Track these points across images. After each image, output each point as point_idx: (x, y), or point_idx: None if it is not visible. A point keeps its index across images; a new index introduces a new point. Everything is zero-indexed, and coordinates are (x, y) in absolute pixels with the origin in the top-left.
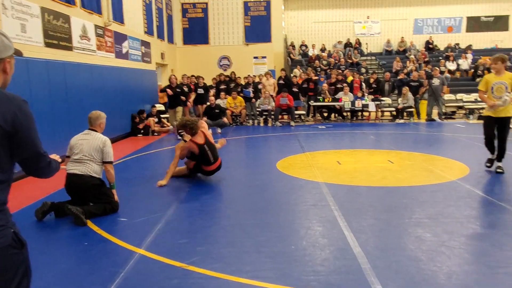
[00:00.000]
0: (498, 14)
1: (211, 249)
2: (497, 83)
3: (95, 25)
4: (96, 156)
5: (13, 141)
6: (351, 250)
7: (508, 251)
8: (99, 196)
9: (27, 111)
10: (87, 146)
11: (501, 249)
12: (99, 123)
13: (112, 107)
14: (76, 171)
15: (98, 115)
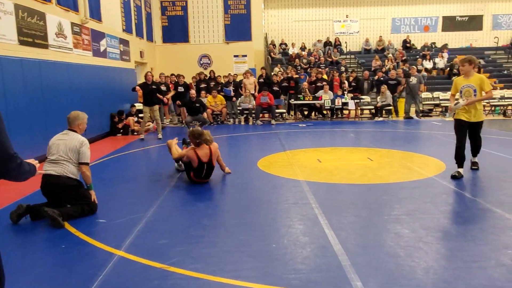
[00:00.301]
0: (473, 14)
1: (191, 249)
2: (465, 86)
3: (71, 23)
4: (72, 157)
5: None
6: (331, 247)
7: (482, 245)
8: (76, 197)
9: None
10: (64, 146)
11: (476, 243)
12: (77, 123)
13: (90, 107)
14: (52, 172)
15: (77, 115)
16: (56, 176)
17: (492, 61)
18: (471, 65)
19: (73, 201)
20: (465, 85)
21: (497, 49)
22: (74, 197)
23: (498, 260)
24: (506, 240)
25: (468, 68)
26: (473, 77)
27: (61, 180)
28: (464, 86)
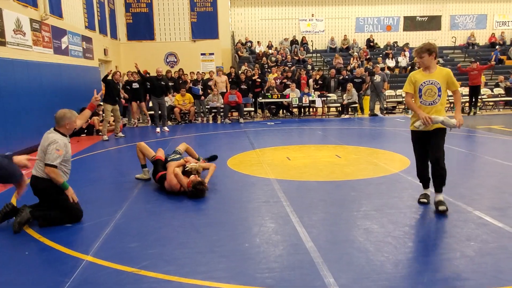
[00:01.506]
0: (432, 14)
1: (163, 251)
2: (426, 83)
3: (30, 19)
4: (42, 158)
5: None
6: (303, 245)
7: (447, 238)
8: (51, 201)
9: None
10: (40, 145)
11: (441, 236)
12: (63, 123)
13: (51, 106)
14: (34, 172)
15: (63, 115)
16: (34, 176)
17: (450, 59)
18: (431, 55)
19: (51, 205)
20: (426, 81)
21: (454, 48)
22: (49, 200)
23: (463, 252)
24: (469, 232)
25: (428, 59)
26: (436, 71)
27: (37, 181)
28: (424, 83)
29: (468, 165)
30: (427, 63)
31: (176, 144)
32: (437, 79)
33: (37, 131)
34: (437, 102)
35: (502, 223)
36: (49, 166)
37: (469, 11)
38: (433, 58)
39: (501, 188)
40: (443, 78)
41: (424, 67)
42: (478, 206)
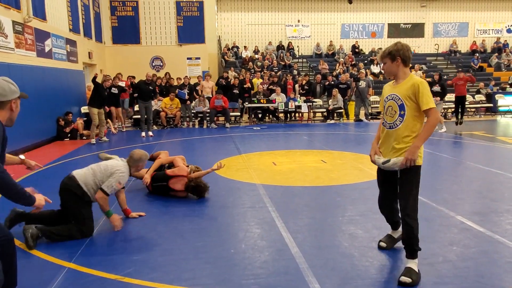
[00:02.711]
0: (415, 21)
1: (147, 258)
2: (388, 98)
3: (13, 21)
4: (100, 174)
5: None
6: (289, 250)
7: (429, 243)
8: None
9: None
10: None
11: (424, 241)
12: (136, 164)
13: (34, 110)
14: (77, 174)
15: (139, 157)
16: (73, 177)
17: (433, 66)
18: (396, 61)
19: (65, 210)
20: (388, 95)
21: (437, 55)
22: (67, 207)
23: (445, 257)
24: (452, 237)
25: (390, 66)
26: (403, 82)
27: (69, 181)
28: (387, 98)
29: (451, 170)
30: (390, 70)
31: (162, 148)
32: (399, 92)
33: (19, 135)
34: (398, 125)
35: (483, 227)
36: (103, 193)
37: (451, 19)
38: (400, 64)
39: (482, 193)
40: (407, 92)
41: (388, 76)
42: (460, 211)
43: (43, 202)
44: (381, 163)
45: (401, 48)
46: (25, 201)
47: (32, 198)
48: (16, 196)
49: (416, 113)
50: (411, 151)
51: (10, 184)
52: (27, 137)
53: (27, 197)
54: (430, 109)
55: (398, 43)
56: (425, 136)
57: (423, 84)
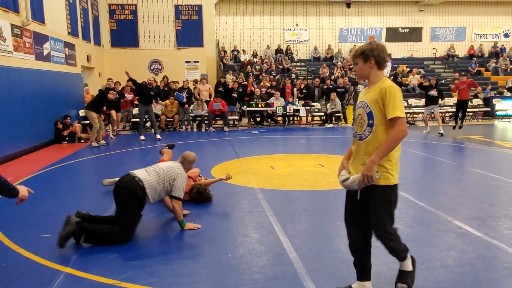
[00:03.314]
0: (413, 26)
1: (144, 263)
2: (358, 105)
3: (11, 24)
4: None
5: None
6: (287, 255)
7: (427, 248)
8: (124, 206)
9: None
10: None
11: (422, 246)
12: (190, 166)
13: (32, 113)
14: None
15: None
16: (133, 175)
17: (431, 70)
18: (369, 62)
19: (117, 208)
20: (359, 102)
21: (435, 59)
22: (121, 206)
23: (443, 262)
24: (449, 241)
25: (362, 68)
26: (375, 87)
27: (132, 181)
28: (358, 105)
29: (448, 174)
30: (362, 72)
31: None
32: (368, 98)
33: (17, 138)
34: (367, 136)
35: (481, 232)
36: (176, 199)
37: (449, 24)
38: (373, 66)
39: (480, 198)
40: (375, 97)
41: (359, 79)
42: (458, 216)
43: (27, 193)
44: (341, 181)
45: (376, 48)
46: (9, 193)
47: (16, 190)
48: None
49: (386, 122)
50: (367, 167)
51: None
52: (25, 140)
53: (11, 189)
54: (397, 118)
55: (372, 42)
56: (384, 150)
57: (391, 89)
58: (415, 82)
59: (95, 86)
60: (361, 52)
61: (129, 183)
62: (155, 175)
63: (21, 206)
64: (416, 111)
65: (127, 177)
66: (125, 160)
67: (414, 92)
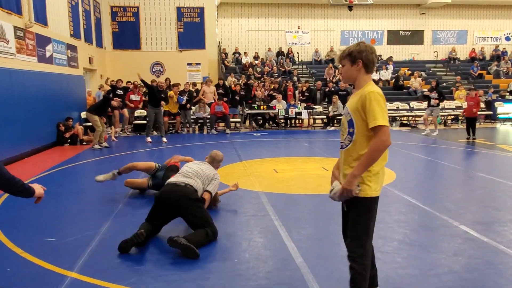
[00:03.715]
0: (415, 29)
1: (150, 268)
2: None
3: (14, 27)
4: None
5: None
6: (293, 260)
7: (434, 253)
8: (196, 213)
9: None
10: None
11: (428, 251)
12: (218, 165)
13: (35, 115)
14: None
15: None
16: (182, 184)
17: (432, 73)
18: (356, 64)
19: (192, 217)
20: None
21: (436, 62)
22: (195, 213)
23: (451, 267)
24: (456, 247)
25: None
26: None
27: (186, 188)
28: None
29: (452, 178)
30: (348, 75)
31: (163, 154)
32: (349, 105)
33: (19, 140)
34: (348, 145)
35: (487, 237)
36: (209, 193)
37: (450, 27)
38: (360, 68)
39: (485, 202)
40: (356, 104)
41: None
42: (463, 221)
43: (42, 190)
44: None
45: (365, 49)
46: (25, 193)
47: (31, 189)
48: (14, 189)
49: (368, 132)
50: (347, 180)
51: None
52: (27, 143)
53: (26, 189)
54: (378, 127)
55: (361, 43)
56: (365, 162)
57: (372, 95)
58: (417, 85)
59: (96, 88)
60: (349, 53)
61: (185, 191)
62: (197, 178)
63: (23, 209)
64: (418, 114)
65: (179, 187)
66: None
67: (415, 95)
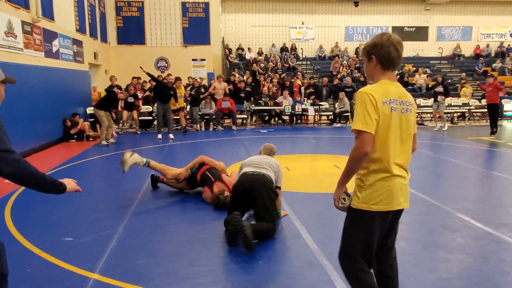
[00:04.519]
0: (419, 25)
1: (173, 269)
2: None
3: (22, 21)
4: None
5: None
6: (318, 262)
7: (461, 255)
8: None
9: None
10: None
11: (454, 253)
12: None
13: (41, 110)
14: (254, 170)
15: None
16: (260, 174)
17: (437, 70)
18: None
19: (263, 208)
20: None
21: (441, 59)
22: (267, 205)
23: (481, 271)
24: (483, 249)
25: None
26: None
27: (264, 178)
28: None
29: (466, 177)
30: (367, 73)
31: (171, 151)
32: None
33: (26, 136)
34: None
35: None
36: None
37: (455, 23)
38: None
39: (505, 202)
40: None
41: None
42: (485, 222)
43: (74, 184)
44: None
45: (379, 43)
46: (57, 190)
47: (63, 185)
48: (46, 186)
49: None
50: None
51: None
52: (34, 139)
53: (58, 185)
54: (357, 132)
55: (378, 36)
56: (344, 172)
57: (360, 95)
58: (422, 81)
59: (101, 84)
60: (363, 49)
61: (263, 180)
62: (270, 169)
63: (36, 207)
64: (424, 111)
65: (257, 176)
66: None
67: (420, 92)
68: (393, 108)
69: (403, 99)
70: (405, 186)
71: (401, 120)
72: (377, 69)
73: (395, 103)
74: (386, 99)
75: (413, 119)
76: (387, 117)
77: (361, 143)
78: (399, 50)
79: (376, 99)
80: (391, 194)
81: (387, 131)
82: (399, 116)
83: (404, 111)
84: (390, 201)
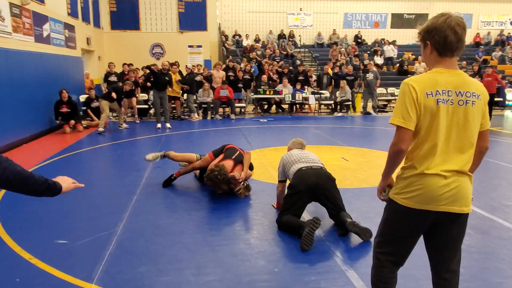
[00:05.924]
0: (419, 12)
1: (179, 278)
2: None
3: (10, 3)
4: None
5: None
6: (339, 267)
7: (497, 262)
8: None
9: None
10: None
11: (489, 259)
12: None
13: (32, 98)
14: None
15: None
16: (318, 167)
17: None
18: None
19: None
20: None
21: None
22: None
23: None
24: None
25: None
26: None
27: (324, 170)
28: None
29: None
30: (424, 61)
31: (170, 140)
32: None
33: (19, 124)
34: None
35: None
36: None
37: (455, 10)
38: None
39: None
40: None
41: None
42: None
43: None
44: None
45: (434, 27)
46: (50, 191)
47: (57, 185)
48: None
49: None
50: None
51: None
52: (24, 128)
53: (51, 185)
54: (395, 126)
55: (435, 17)
56: (385, 166)
57: (402, 86)
58: (422, 70)
59: (94, 71)
60: (418, 34)
61: (326, 173)
62: (319, 162)
63: (27, 205)
64: None
65: (318, 170)
66: (133, 151)
67: None
68: (442, 100)
69: (462, 90)
70: (454, 188)
71: (455, 113)
72: (432, 56)
73: (447, 94)
74: (431, 90)
75: (478, 112)
76: (432, 111)
77: (397, 139)
78: (458, 33)
79: (418, 90)
80: (426, 192)
81: (431, 127)
82: (452, 109)
83: (463, 103)
84: (425, 201)
